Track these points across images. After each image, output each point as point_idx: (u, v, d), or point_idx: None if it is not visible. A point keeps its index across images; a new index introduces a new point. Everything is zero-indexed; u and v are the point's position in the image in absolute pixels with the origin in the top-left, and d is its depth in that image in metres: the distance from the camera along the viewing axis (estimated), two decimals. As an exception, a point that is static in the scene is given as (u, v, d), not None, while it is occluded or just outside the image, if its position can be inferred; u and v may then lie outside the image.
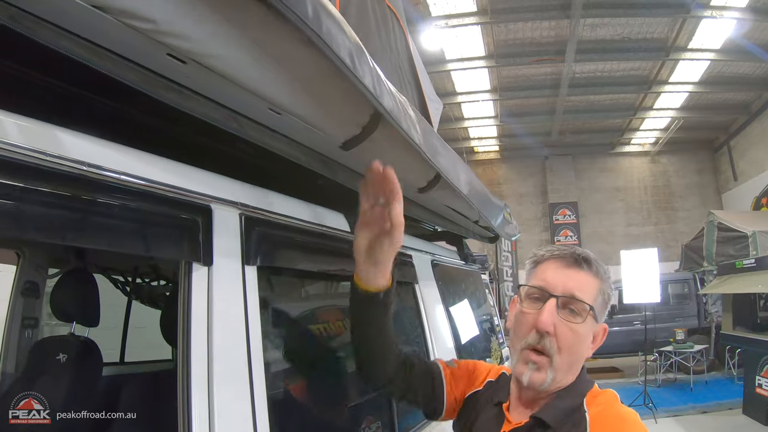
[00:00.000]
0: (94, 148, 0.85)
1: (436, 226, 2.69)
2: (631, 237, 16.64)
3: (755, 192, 13.30)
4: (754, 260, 6.56)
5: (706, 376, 9.06)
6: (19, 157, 0.72)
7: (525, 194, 17.94)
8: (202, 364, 0.95)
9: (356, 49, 0.97)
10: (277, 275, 1.24)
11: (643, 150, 17.59)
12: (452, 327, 2.31)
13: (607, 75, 12.59)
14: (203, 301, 0.98)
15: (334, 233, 1.51)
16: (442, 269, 2.50)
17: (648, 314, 9.42)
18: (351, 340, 1.27)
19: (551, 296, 1.06)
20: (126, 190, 0.88)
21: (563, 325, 1.05)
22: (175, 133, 1.10)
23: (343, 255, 1.50)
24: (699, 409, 7.26)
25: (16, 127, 0.74)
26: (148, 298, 3.04)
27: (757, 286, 6.08)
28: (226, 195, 1.09)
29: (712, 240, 9.74)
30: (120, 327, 3.23)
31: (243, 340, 1.04)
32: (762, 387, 6.12)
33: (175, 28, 0.76)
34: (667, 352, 8.94)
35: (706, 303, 10.19)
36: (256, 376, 1.05)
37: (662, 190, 17.59)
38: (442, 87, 12.71)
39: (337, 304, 1.87)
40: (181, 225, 0.98)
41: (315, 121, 1.13)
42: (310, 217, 1.40)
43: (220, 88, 0.96)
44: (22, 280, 2.78)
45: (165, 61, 0.85)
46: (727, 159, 16.16)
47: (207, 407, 0.93)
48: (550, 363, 1.05)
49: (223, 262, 1.03)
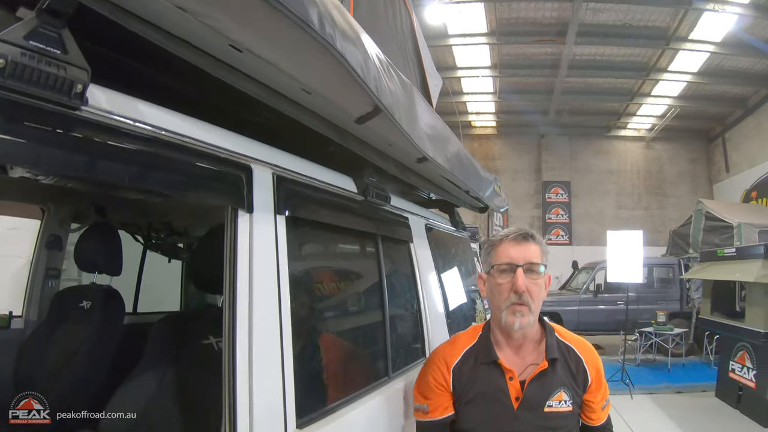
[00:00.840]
0: (170, 118, 1.10)
1: (431, 194, 2.95)
2: (620, 219, 16.91)
3: (746, 185, 13.75)
4: (735, 250, 6.74)
5: (684, 359, 9.37)
6: (114, 123, 0.97)
7: (519, 171, 18.16)
8: (245, 296, 1.21)
9: (364, 58, 1.25)
10: (299, 225, 1.52)
11: (639, 135, 17.78)
12: (441, 283, 2.60)
13: (606, 59, 12.71)
14: (246, 241, 1.24)
15: (344, 193, 1.78)
16: (435, 232, 2.78)
17: (631, 295, 9.67)
18: None
19: (518, 266, 1.51)
20: (191, 150, 1.14)
21: (531, 283, 1.52)
22: (228, 108, 1.35)
23: (350, 211, 1.81)
24: (674, 389, 7.54)
25: (119, 99, 1.00)
26: (168, 251, 3.32)
27: (735, 275, 6.19)
28: (263, 157, 1.35)
29: (699, 228, 9.95)
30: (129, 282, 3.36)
31: (274, 276, 1.31)
32: (735, 372, 6.41)
33: (238, 30, 1.02)
34: (648, 332, 9.24)
35: (689, 289, 10.42)
36: (284, 308, 1.33)
37: (655, 176, 17.83)
38: (443, 61, 12.81)
39: (345, 250, 2.18)
40: (230, 179, 1.24)
41: (336, 100, 1.40)
42: (326, 179, 1.68)
43: (266, 72, 1.22)
44: (47, 234, 2.99)
45: (227, 49, 1.11)
46: (720, 150, 16.35)
47: (247, 334, 1.19)
48: (530, 309, 1.52)
49: (261, 210, 1.30)
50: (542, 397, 1.55)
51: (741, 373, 6.27)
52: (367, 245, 2.09)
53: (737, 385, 6.34)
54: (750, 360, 6.09)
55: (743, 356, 6.23)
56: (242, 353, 1.17)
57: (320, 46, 1.03)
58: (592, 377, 1.63)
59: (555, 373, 1.58)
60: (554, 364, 1.58)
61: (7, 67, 0.77)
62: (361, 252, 2.18)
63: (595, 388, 1.64)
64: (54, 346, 2.44)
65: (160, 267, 3.60)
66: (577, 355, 1.64)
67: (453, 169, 2.18)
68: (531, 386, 1.55)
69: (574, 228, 17.56)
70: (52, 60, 0.83)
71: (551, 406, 1.54)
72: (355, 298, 2.13)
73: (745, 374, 6.17)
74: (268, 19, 0.93)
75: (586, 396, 1.63)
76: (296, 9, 0.92)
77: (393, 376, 1.94)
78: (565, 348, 1.65)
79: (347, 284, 2.12)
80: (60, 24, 0.85)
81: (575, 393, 1.59)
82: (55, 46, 0.84)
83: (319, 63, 1.13)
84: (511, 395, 1.55)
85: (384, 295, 2.03)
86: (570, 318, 10.67)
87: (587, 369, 1.63)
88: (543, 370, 1.56)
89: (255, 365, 1.19)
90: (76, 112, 0.89)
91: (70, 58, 0.86)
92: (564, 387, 1.57)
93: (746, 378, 6.14)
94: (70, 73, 0.85)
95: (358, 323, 2.12)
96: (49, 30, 0.83)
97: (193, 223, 3.21)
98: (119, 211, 2.90)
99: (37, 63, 0.81)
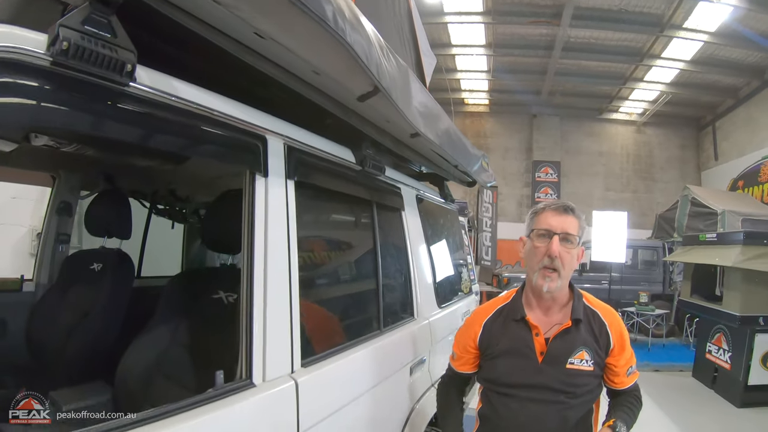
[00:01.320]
0: (200, 94, 1.28)
1: (423, 168, 3.14)
2: (608, 201, 16.95)
3: (733, 174, 13.73)
4: (716, 235, 6.82)
5: (664, 340, 9.59)
6: (156, 98, 1.15)
7: (510, 149, 18.21)
8: (261, 252, 1.40)
9: (368, 45, 1.44)
10: (306, 189, 1.71)
11: (630, 119, 17.79)
12: (429, 248, 2.81)
13: (600, 43, 12.74)
14: (262, 202, 1.43)
15: (344, 162, 1.98)
16: (425, 202, 2.99)
17: (615, 275, 9.93)
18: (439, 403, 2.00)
19: (555, 234, 1.66)
20: (218, 122, 1.32)
21: (564, 251, 1.66)
22: (249, 86, 1.52)
23: (349, 179, 2.01)
24: (652, 367, 7.75)
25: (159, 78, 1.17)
26: (173, 216, 3.49)
27: (715, 259, 6.29)
28: (277, 129, 1.54)
29: (684, 213, 10.00)
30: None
31: (285, 235, 1.51)
32: (711, 353, 6.58)
33: (263, 20, 1.19)
34: (630, 312, 9.41)
35: (672, 272, 10.59)
36: (293, 263, 1.52)
37: (644, 160, 17.88)
38: (438, 38, 12.84)
39: (345, 214, 2.39)
40: (249, 147, 1.43)
41: (342, 81, 1.58)
42: (329, 149, 1.87)
43: (284, 56, 1.40)
44: (57, 200, 3.09)
45: (251, 36, 1.28)
46: (710, 138, 16.38)
47: (263, 286, 1.38)
48: (559, 275, 1.66)
49: (274, 175, 1.49)
50: (564, 354, 1.68)
51: (717, 355, 6.44)
52: (364, 210, 2.28)
53: (713, 366, 6.50)
54: (726, 342, 6.23)
55: (720, 338, 6.39)
56: (258, 303, 1.37)
57: (332, 37, 1.20)
58: (615, 341, 1.73)
59: (578, 333, 1.71)
60: (578, 325, 1.72)
61: (70, 49, 0.93)
62: (359, 216, 2.37)
63: (618, 352, 1.74)
64: (66, 306, 2.56)
65: (159, 234, 3.75)
66: (600, 320, 1.76)
67: (443, 144, 2.37)
68: (554, 342, 1.69)
69: (566, 200, 17.66)
70: (105, 43, 0.99)
71: (573, 364, 1.67)
72: (352, 258, 2.34)
73: (721, 356, 6.33)
74: (289, 14, 1.10)
75: (609, 359, 1.74)
76: (314, 7, 1.09)
77: (384, 331, 2.16)
78: (591, 312, 1.77)
79: (346, 245, 2.34)
80: (110, 11, 1.01)
81: (597, 354, 1.71)
82: (106, 30, 1.00)
83: (330, 50, 1.31)
84: (536, 350, 1.70)
85: (378, 256, 2.23)
86: (555, 295, 10.87)
87: (610, 333, 1.74)
88: (567, 329, 1.70)
89: (269, 314, 1.39)
90: (125, 88, 1.06)
91: (119, 42, 1.02)
92: (586, 347, 1.70)
93: (722, 359, 6.30)
94: (120, 54, 1.02)
95: (354, 281, 2.34)
96: (101, 17, 0.99)
97: (197, 190, 3.37)
98: (126, 178, 3.03)
99: (94, 45, 0.97)
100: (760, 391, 5.81)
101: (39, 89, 0.92)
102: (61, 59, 0.92)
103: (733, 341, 6.09)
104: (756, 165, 12.77)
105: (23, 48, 0.90)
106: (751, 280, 5.82)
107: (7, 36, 0.88)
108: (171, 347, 1.79)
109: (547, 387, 1.65)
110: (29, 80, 0.90)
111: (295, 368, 1.46)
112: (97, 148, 2.23)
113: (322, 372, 1.59)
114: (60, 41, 0.90)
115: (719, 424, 5.32)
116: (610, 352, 1.74)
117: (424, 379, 2.49)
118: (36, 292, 2.99)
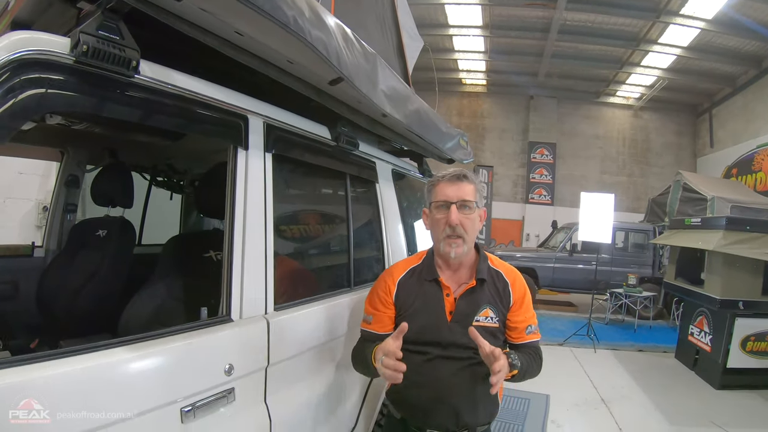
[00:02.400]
0: (192, 82, 1.56)
1: (402, 146, 3.42)
2: (603, 184, 17.12)
3: (728, 161, 13.88)
4: (701, 220, 6.90)
5: (651, 322, 9.88)
6: (156, 86, 1.44)
7: (507, 130, 18.41)
8: (240, 214, 1.69)
9: (327, 39, 1.71)
10: (283, 162, 2.00)
11: (627, 103, 17.93)
12: (403, 219, 3.06)
13: (597, 26, 12.85)
14: (243, 172, 1.72)
15: (319, 138, 2.25)
16: (401, 176, 3.25)
17: (606, 257, 10.09)
18: (358, 369, 1.93)
19: (452, 203, 1.77)
20: (207, 104, 1.61)
21: (464, 218, 1.77)
22: (233, 74, 1.80)
23: (324, 153, 2.29)
24: (637, 347, 7.96)
25: (158, 69, 1.46)
26: (171, 187, 3.80)
27: (698, 243, 6.33)
28: (256, 109, 1.83)
29: (676, 198, 10.09)
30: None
31: (262, 200, 1.79)
32: (693, 335, 6.75)
33: (241, 23, 1.48)
34: (618, 293, 9.67)
35: (662, 255, 10.71)
36: (268, 225, 1.80)
37: (640, 145, 18.05)
38: (434, 18, 13.04)
39: (319, 184, 2.67)
40: (233, 125, 1.72)
41: (312, 69, 1.86)
42: (305, 127, 2.15)
43: (260, 48, 1.69)
44: (66, 174, 3.37)
45: (233, 34, 1.57)
46: (707, 125, 16.48)
47: (241, 244, 1.67)
48: (464, 241, 1.77)
49: (254, 149, 1.78)
50: (470, 312, 1.79)
51: (699, 337, 6.60)
52: (338, 181, 2.54)
53: (695, 348, 6.67)
54: (708, 325, 6.38)
55: (702, 321, 6.55)
56: (237, 256, 1.66)
57: (295, 36, 1.49)
58: (515, 299, 1.84)
59: (483, 292, 1.82)
60: (482, 284, 1.82)
61: (88, 51, 1.21)
62: (332, 186, 2.64)
63: (517, 308, 1.84)
64: (75, 269, 2.80)
65: (158, 205, 4.01)
66: (504, 279, 1.87)
67: (411, 124, 2.63)
68: (461, 301, 1.81)
69: (557, 189, 17.87)
70: (115, 44, 1.27)
71: (479, 321, 1.78)
72: (325, 223, 2.64)
73: (702, 338, 6.48)
74: (257, 19, 1.39)
75: (509, 315, 1.84)
76: (276, 14, 1.40)
77: (354, 288, 2.44)
78: (495, 273, 1.88)
79: (319, 211, 2.62)
80: (118, 18, 1.29)
81: (500, 312, 1.82)
82: (115, 33, 1.28)
83: (296, 46, 1.58)
84: (446, 309, 1.80)
85: (350, 221, 2.50)
86: (545, 274, 11.08)
87: (511, 291, 1.85)
88: (472, 288, 1.82)
89: (246, 265, 1.68)
90: (131, 79, 1.35)
91: (126, 42, 1.30)
92: (490, 305, 1.81)
93: (703, 342, 6.47)
94: (127, 53, 1.30)
95: (326, 244, 2.65)
96: (110, 22, 1.27)
97: (192, 164, 3.67)
98: (129, 153, 3.33)
99: (106, 47, 1.25)
100: (738, 374, 5.95)
101: (65, 81, 1.20)
102: (82, 59, 1.19)
103: (714, 324, 6.24)
104: (750, 153, 12.91)
105: (52, 51, 1.17)
106: (732, 265, 5.93)
107: (39, 41, 1.16)
108: (167, 300, 2.05)
109: (456, 344, 1.75)
110: (57, 75, 1.18)
111: (269, 311, 1.76)
112: (107, 127, 2.53)
113: (292, 316, 1.88)
114: (81, 44, 1.18)
115: (696, 404, 5.49)
116: (510, 308, 1.85)
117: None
118: (46, 258, 3.27)
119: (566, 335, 8.23)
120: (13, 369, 1.06)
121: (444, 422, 1.81)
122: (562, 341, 7.99)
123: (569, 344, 7.88)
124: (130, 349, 1.29)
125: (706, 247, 6.10)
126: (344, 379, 2.25)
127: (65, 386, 1.13)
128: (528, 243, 16.95)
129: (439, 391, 1.79)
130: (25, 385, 1.05)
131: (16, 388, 1.04)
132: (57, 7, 1.41)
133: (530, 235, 17.37)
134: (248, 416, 1.63)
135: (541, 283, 11.13)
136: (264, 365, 1.70)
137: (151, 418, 1.30)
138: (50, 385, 1.10)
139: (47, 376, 1.10)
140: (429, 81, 11.86)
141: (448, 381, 1.78)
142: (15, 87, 1.10)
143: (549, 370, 1.86)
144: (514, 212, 17.97)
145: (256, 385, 1.69)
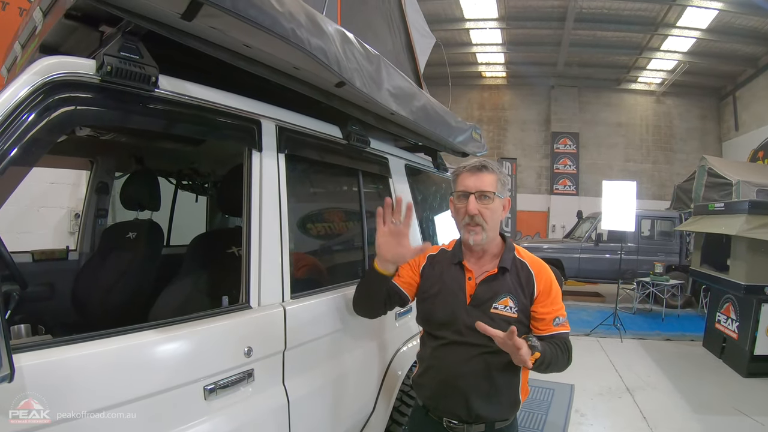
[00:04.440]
0: (208, 92, 1.71)
1: (416, 141, 3.52)
2: (628, 172, 16.98)
3: (754, 144, 13.52)
4: (724, 204, 6.80)
5: (679, 311, 9.76)
6: (174, 98, 1.58)
7: (528, 121, 18.35)
8: (256, 212, 1.84)
9: (327, 47, 1.83)
10: (296, 162, 2.14)
11: (649, 89, 17.68)
12: (418, 212, 3.15)
13: (613, 12, 12.75)
14: (258, 172, 1.87)
15: (331, 138, 2.37)
16: (414, 171, 3.34)
17: (632, 246, 10.05)
18: (360, 300, 2.04)
19: (470, 194, 1.83)
20: (223, 112, 1.76)
21: (482, 207, 1.82)
22: (245, 82, 1.93)
23: (335, 152, 2.42)
24: (664, 336, 7.92)
25: (176, 82, 1.60)
26: (196, 189, 3.98)
27: (721, 228, 6.28)
28: (269, 114, 1.97)
29: (701, 184, 9.87)
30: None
31: (277, 199, 1.93)
32: (720, 323, 6.65)
33: (247, 38, 1.62)
34: (645, 282, 9.57)
35: (689, 243, 10.51)
36: (283, 221, 1.95)
37: (664, 131, 17.81)
38: (450, 13, 13.09)
39: (332, 181, 2.78)
40: (247, 129, 1.86)
41: (317, 74, 1.99)
42: (316, 128, 2.27)
43: (269, 59, 1.84)
44: (96, 181, 3.58)
45: (242, 47, 1.71)
46: (731, 109, 16.16)
47: (258, 240, 1.82)
48: (483, 229, 1.83)
49: (267, 150, 1.92)
50: (489, 298, 1.82)
51: (726, 324, 6.51)
52: (351, 178, 2.66)
53: (722, 336, 6.58)
54: (734, 312, 6.29)
55: (728, 308, 6.45)
56: (254, 251, 1.81)
57: (295, 47, 1.63)
58: (539, 290, 1.84)
59: (504, 281, 1.84)
60: (504, 273, 1.85)
61: (112, 71, 1.35)
62: (346, 183, 2.75)
63: (542, 300, 1.83)
64: (107, 269, 2.94)
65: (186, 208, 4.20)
66: (528, 270, 1.88)
67: (418, 120, 2.72)
68: (480, 286, 1.85)
69: (582, 179, 17.76)
70: (135, 62, 1.42)
71: (497, 309, 1.80)
72: (338, 218, 2.75)
73: (729, 325, 6.41)
74: (261, 33, 1.53)
75: (534, 307, 1.84)
76: (276, 28, 1.54)
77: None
78: (520, 263, 1.90)
79: (332, 208, 2.74)
80: (137, 39, 1.44)
81: (521, 302, 1.82)
82: (135, 53, 1.42)
83: (298, 54, 1.71)
84: (467, 292, 1.85)
85: (363, 216, 2.63)
86: (571, 265, 11.02)
87: (536, 283, 1.85)
88: (492, 275, 1.85)
89: (263, 258, 1.83)
90: (152, 93, 1.50)
91: (145, 61, 1.45)
92: (510, 294, 1.82)
93: (730, 329, 6.38)
94: (147, 70, 1.44)
95: (341, 236, 2.77)
96: (130, 43, 1.42)
97: (213, 166, 3.84)
98: (155, 160, 3.52)
99: (128, 66, 1.39)
100: (765, 362, 5.86)
101: (92, 98, 1.36)
102: (107, 78, 1.34)
103: (741, 311, 6.14)
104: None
105: (80, 72, 1.33)
106: (757, 250, 5.84)
107: (68, 65, 1.31)
108: (193, 293, 2.20)
109: (472, 328, 1.71)
110: (86, 93, 1.34)
111: (285, 299, 1.90)
112: (132, 137, 2.69)
113: (309, 304, 2.01)
114: (105, 66, 1.32)
115: (721, 392, 5.41)
116: (534, 300, 1.84)
117: (410, 325, 2.84)
118: (79, 260, 3.47)
119: (593, 326, 8.24)
120: (56, 348, 1.23)
121: (455, 410, 1.86)
122: (589, 331, 8.00)
123: (595, 334, 7.89)
124: (159, 332, 1.45)
125: (729, 232, 6.03)
126: (361, 365, 2.37)
127: (101, 363, 1.29)
128: (554, 234, 16.83)
129: (449, 377, 1.85)
130: (65, 362, 1.22)
131: (57, 365, 1.20)
132: (81, 31, 1.55)
133: (556, 226, 17.29)
134: (267, 397, 1.77)
135: (567, 273, 11.06)
136: (281, 348, 1.84)
137: (177, 394, 1.45)
138: (88, 362, 1.26)
139: (85, 354, 1.26)
140: (449, 76, 11.88)
141: (459, 368, 1.82)
142: (50, 106, 1.25)
143: (574, 361, 1.86)
144: (539, 204, 17.91)
145: (274, 368, 1.83)
